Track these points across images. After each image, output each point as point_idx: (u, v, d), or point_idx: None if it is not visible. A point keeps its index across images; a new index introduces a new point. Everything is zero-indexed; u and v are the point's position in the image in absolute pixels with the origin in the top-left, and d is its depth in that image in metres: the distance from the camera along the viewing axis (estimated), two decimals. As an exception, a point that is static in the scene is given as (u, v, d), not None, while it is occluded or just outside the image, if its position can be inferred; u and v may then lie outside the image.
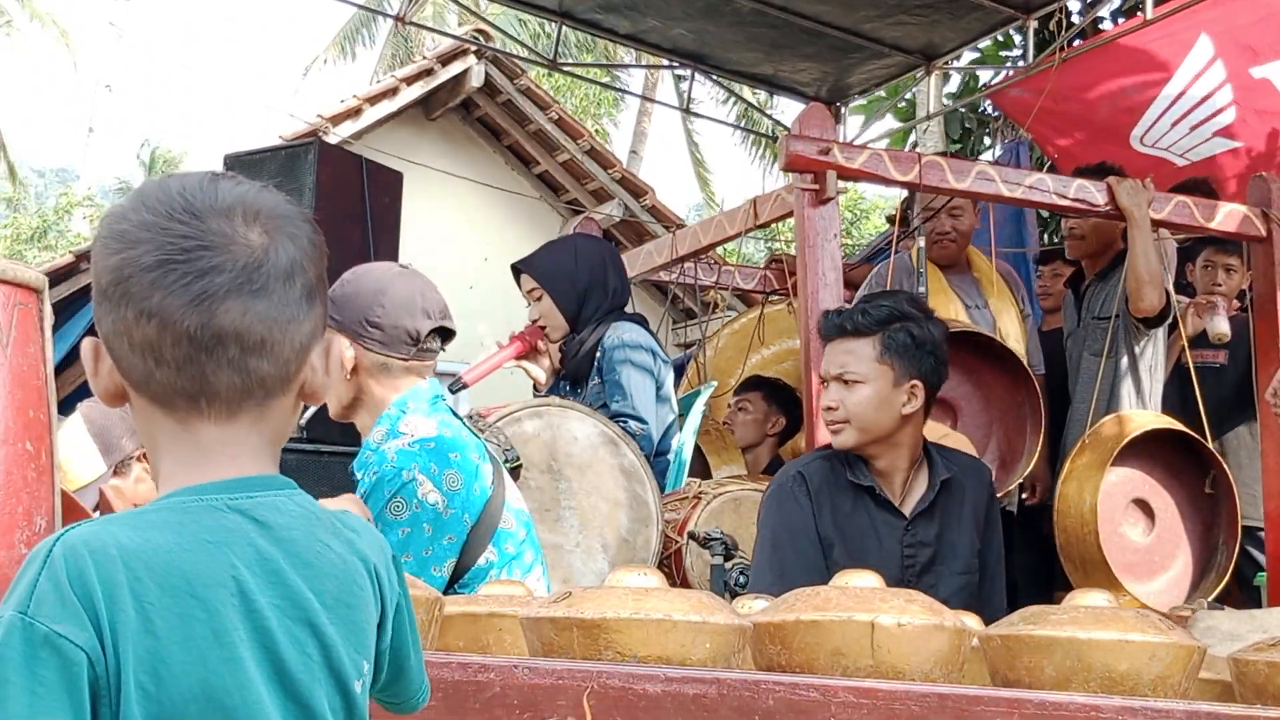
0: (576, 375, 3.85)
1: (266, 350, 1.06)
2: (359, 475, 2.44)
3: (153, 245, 1.04)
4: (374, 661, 1.17)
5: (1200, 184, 5.04)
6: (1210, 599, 3.65)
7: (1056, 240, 6.52)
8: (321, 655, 1.05)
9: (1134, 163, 5.35)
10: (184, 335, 1.03)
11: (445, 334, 2.55)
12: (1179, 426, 3.94)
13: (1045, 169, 7.07)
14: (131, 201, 1.08)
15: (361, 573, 1.11)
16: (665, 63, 6.68)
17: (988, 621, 2.04)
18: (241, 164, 4.54)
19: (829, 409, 2.87)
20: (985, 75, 7.99)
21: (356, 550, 1.12)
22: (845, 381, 2.85)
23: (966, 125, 8.90)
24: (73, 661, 0.93)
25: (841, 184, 3.81)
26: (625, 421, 3.56)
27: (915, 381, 2.84)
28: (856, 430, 2.85)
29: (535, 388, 3.95)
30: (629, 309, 3.97)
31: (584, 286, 3.82)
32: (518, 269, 3.93)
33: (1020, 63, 7.00)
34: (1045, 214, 7.55)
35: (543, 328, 3.86)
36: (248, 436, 1.09)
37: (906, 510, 2.87)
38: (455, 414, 2.56)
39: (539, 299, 3.86)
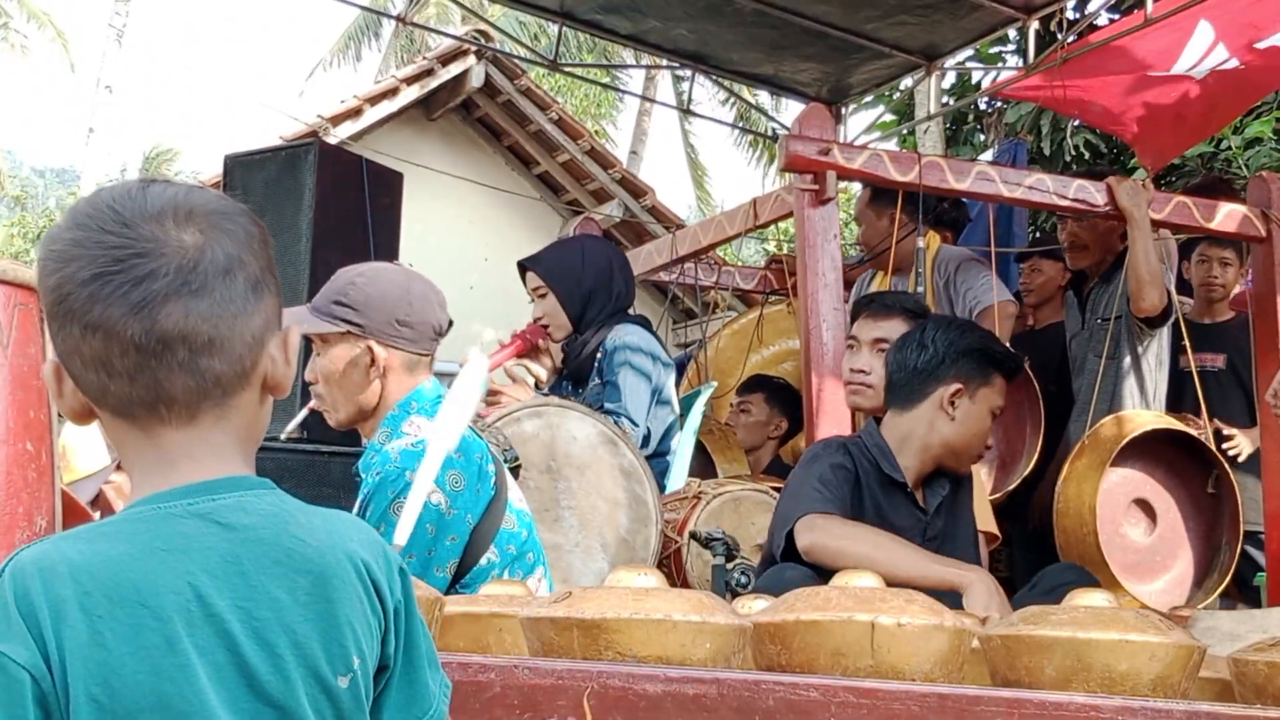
0: (578, 376, 3.85)
1: (216, 348, 1.06)
2: (363, 476, 2.44)
3: (87, 260, 1.04)
4: (381, 663, 1.14)
5: (1218, 184, 5.03)
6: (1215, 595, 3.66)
7: (1039, 236, 6.54)
8: (296, 655, 1.04)
9: (1157, 88, 5.33)
10: (130, 344, 1.03)
11: None
12: (1179, 426, 3.94)
13: (1072, 131, 7.05)
14: (65, 220, 1.08)
15: (345, 567, 1.09)
16: (665, 63, 6.68)
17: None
18: (241, 165, 4.54)
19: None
20: (987, 74, 8.00)
21: (340, 545, 1.10)
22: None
23: (963, 122, 8.92)
24: (16, 680, 0.95)
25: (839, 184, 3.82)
26: (618, 418, 3.56)
27: None
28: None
29: (536, 386, 3.95)
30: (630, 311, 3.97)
31: (589, 287, 3.82)
32: (524, 266, 3.93)
33: (1015, 58, 7.01)
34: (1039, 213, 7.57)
35: (545, 326, 3.86)
36: (211, 437, 1.08)
37: (927, 505, 2.98)
38: None
39: (543, 296, 3.86)
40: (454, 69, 8.85)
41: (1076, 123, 7.49)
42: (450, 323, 2.56)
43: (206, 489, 1.06)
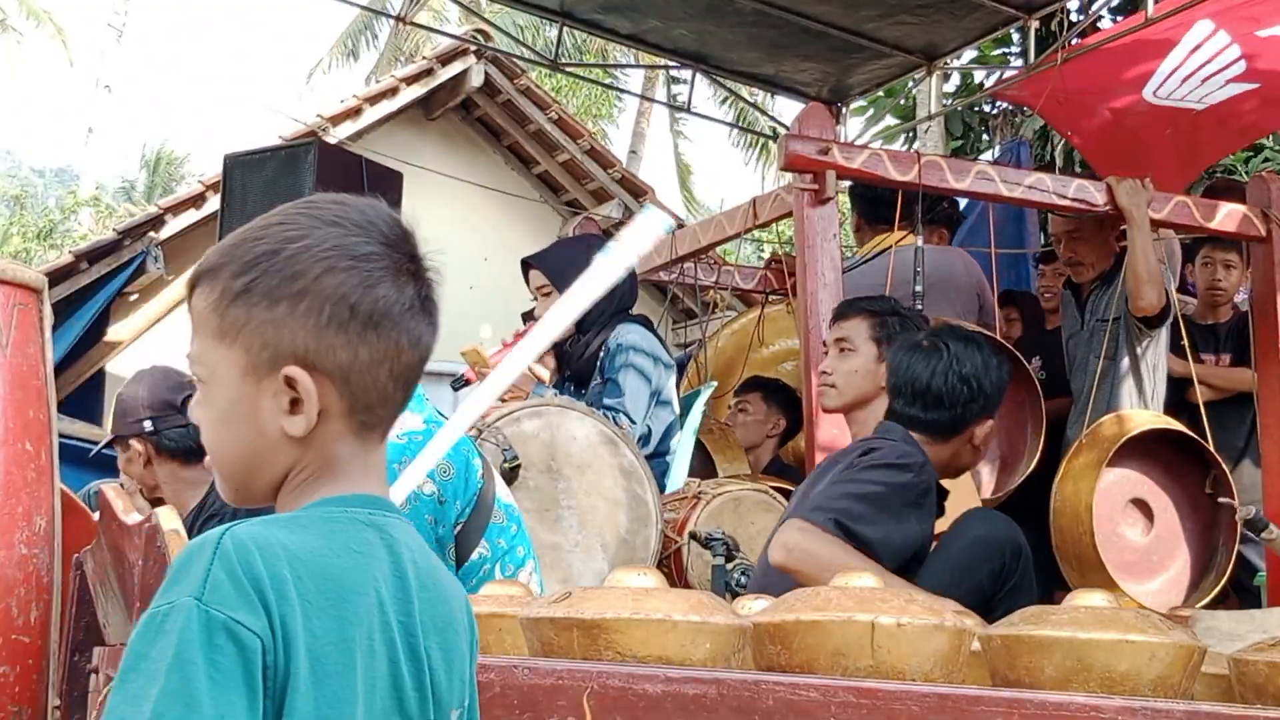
0: (581, 376, 3.85)
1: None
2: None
3: (398, 279, 1.07)
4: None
5: (1232, 185, 5.03)
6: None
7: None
8: (434, 680, 1.06)
9: (1151, 115, 5.32)
10: (423, 358, 1.09)
11: None
12: (1176, 426, 3.94)
13: (1059, 149, 7.03)
14: (339, 231, 1.07)
15: (462, 605, 1.13)
16: (665, 63, 6.68)
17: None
18: (241, 164, 4.54)
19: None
20: (986, 74, 7.99)
21: (459, 586, 1.15)
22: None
23: (966, 122, 8.90)
24: (248, 648, 0.94)
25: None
26: (615, 414, 3.56)
27: None
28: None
29: (539, 385, 3.95)
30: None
31: None
32: (528, 264, 3.92)
33: (1019, 60, 7.01)
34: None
35: (548, 325, 3.86)
36: (380, 453, 1.12)
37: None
38: (441, 414, 2.57)
39: (547, 295, 3.85)
40: (453, 69, 8.84)
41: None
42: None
43: (375, 503, 1.08)
